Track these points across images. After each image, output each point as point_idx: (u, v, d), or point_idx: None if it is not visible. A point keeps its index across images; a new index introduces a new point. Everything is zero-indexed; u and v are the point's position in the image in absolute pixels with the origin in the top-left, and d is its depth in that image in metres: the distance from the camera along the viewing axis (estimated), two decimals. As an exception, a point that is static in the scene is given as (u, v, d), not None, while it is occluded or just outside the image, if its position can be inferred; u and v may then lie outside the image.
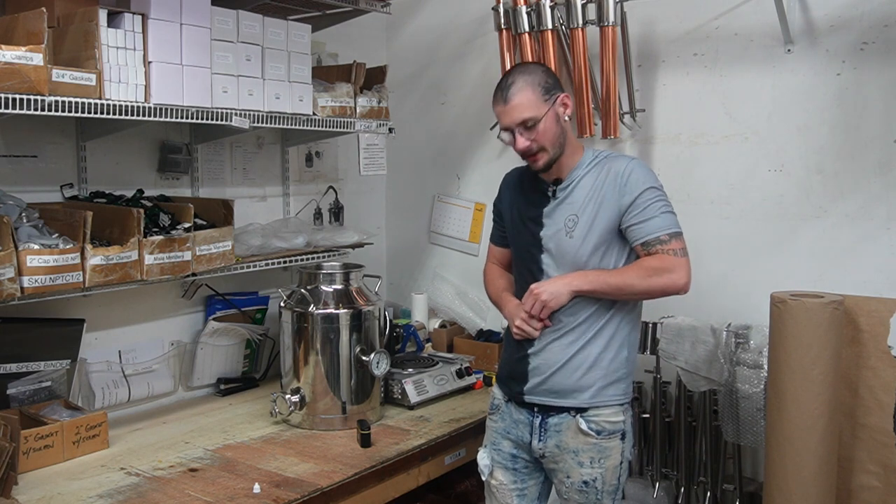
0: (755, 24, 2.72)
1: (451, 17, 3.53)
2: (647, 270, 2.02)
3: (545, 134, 2.04)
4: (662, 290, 2.03)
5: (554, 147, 2.07)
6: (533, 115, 2.03)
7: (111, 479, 2.17)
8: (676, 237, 2.03)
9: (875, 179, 2.55)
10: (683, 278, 2.01)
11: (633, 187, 2.03)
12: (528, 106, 2.03)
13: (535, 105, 2.03)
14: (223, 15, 2.45)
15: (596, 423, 2.09)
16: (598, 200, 2.06)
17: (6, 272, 2.02)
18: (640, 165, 2.08)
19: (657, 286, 2.02)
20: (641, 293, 2.05)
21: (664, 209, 2.03)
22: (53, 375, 2.44)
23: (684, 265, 2.01)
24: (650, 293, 2.04)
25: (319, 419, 2.61)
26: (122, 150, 2.69)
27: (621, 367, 2.12)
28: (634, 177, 2.04)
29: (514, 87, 2.06)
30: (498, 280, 2.36)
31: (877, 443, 2.42)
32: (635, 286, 2.02)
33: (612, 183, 2.05)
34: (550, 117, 2.04)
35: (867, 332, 2.42)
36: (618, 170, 2.06)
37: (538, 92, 2.04)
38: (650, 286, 2.02)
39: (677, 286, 2.01)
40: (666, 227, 2.02)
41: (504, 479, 2.24)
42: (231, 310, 3.00)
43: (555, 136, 2.06)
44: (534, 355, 2.15)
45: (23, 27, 2.01)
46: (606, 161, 2.10)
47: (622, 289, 2.03)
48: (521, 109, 2.03)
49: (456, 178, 3.60)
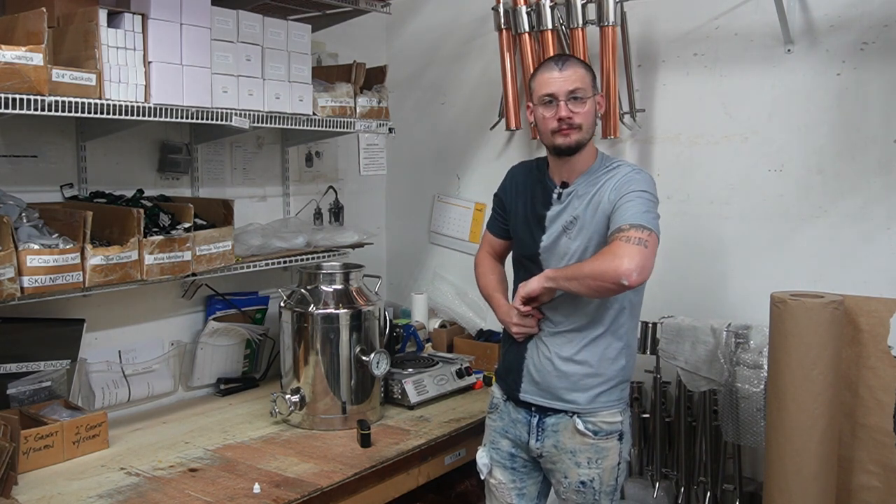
0: (755, 24, 2.72)
1: (451, 17, 3.52)
2: (596, 258, 1.96)
3: (588, 114, 2.08)
4: (603, 275, 1.90)
5: (588, 131, 2.10)
6: (584, 89, 2.07)
7: (111, 479, 2.17)
8: (639, 228, 1.92)
9: (875, 179, 2.55)
10: (626, 264, 1.85)
11: (626, 187, 2.03)
12: (582, 80, 2.08)
13: (587, 83, 2.09)
14: (223, 15, 2.45)
15: (593, 424, 2.09)
16: (596, 203, 2.06)
17: (6, 272, 2.02)
18: (643, 173, 2.08)
19: (599, 270, 1.91)
20: (588, 277, 1.93)
21: (643, 208, 1.98)
22: (53, 375, 2.44)
23: (635, 253, 1.87)
24: (595, 277, 1.92)
25: (319, 419, 2.61)
26: (122, 150, 2.69)
27: (618, 375, 2.12)
28: (631, 179, 2.05)
29: (571, 61, 2.12)
30: (490, 275, 2.36)
31: (877, 443, 2.41)
32: (582, 269, 1.96)
33: (611, 187, 2.06)
34: (593, 103, 2.11)
35: (867, 332, 2.42)
36: (620, 175, 2.07)
37: (590, 76, 2.11)
38: (593, 269, 1.92)
39: (618, 272, 1.86)
40: (631, 218, 1.94)
41: (503, 478, 2.24)
42: (231, 310, 3.00)
43: (591, 121, 2.11)
44: (530, 352, 2.16)
45: (23, 27, 2.01)
46: (614, 168, 2.11)
47: (572, 277, 1.98)
48: (575, 80, 2.07)
49: (456, 178, 3.60)
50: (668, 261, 2.74)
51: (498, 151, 3.41)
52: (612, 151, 3.02)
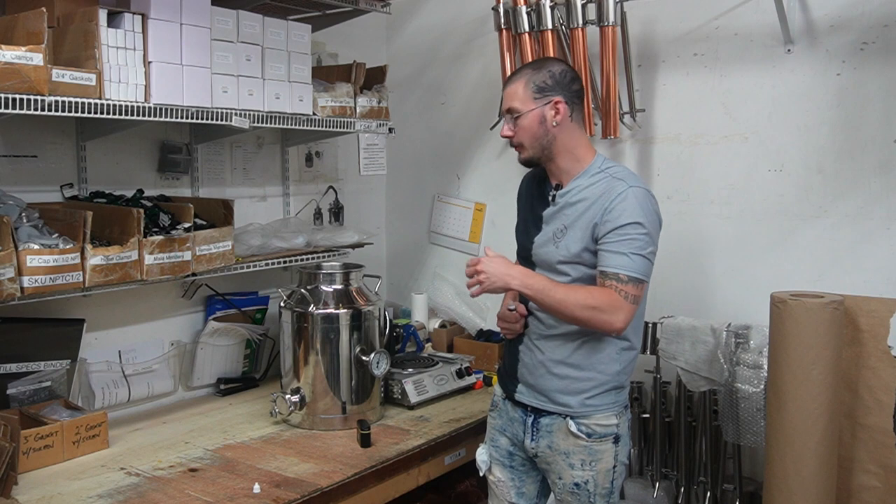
0: (755, 24, 2.72)
1: (451, 17, 3.53)
2: (591, 302, 1.95)
3: (523, 130, 2.06)
4: (596, 326, 1.98)
5: (533, 147, 2.07)
6: (517, 108, 2.06)
7: (111, 479, 2.17)
8: (635, 283, 1.95)
9: (875, 179, 2.55)
10: (620, 323, 1.94)
11: (616, 216, 1.96)
12: (515, 97, 2.06)
13: (521, 99, 2.06)
14: (223, 15, 2.44)
15: (586, 426, 2.08)
16: (587, 217, 2.02)
17: (6, 272, 2.02)
18: (635, 196, 1.98)
19: (593, 321, 1.96)
20: (574, 320, 1.99)
21: (638, 250, 1.95)
22: (53, 375, 2.44)
23: (627, 311, 1.94)
24: (583, 323, 2.00)
25: (319, 419, 2.61)
26: (122, 150, 2.69)
27: (612, 379, 2.08)
28: (623, 206, 1.96)
29: (513, 76, 2.12)
30: None
31: (877, 443, 2.42)
32: (574, 314, 1.97)
33: (601, 202, 2.00)
34: (533, 116, 2.05)
35: (867, 332, 2.42)
36: (612, 192, 1.99)
37: (529, 89, 2.05)
38: (587, 318, 1.96)
39: (612, 329, 1.96)
40: (629, 268, 1.94)
41: (502, 476, 2.25)
42: (231, 310, 3.00)
43: (534, 136, 2.06)
44: (523, 353, 2.16)
45: (23, 27, 2.01)
46: (609, 179, 2.04)
47: (558, 309, 1.99)
48: (509, 98, 2.09)
49: (456, 178, 3.60)
50: (668, 261, 2.74)
51: (498, 151, 3.41)
52: (611, 151, 3.03)
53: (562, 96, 2.05)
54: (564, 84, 2.06)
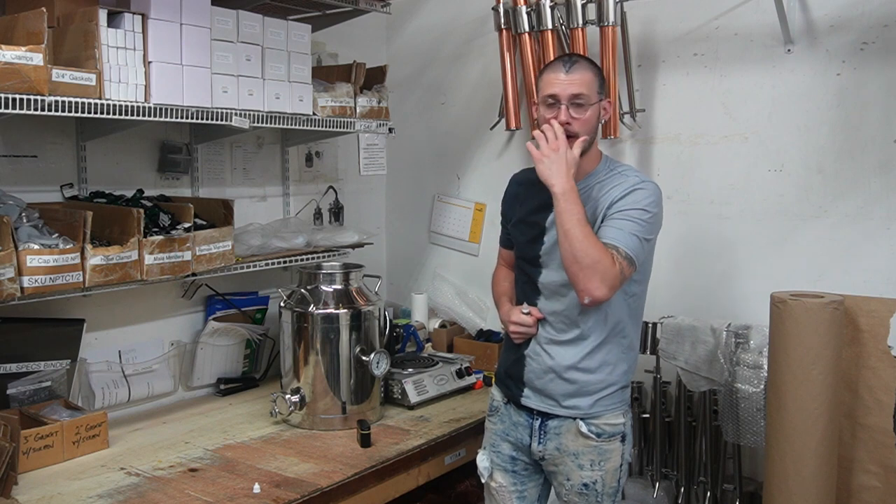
0: (755, 24, 2.72)
1: (451, 17, 3.52)
2: (595, 256, 1.89)
3: (588, 121, 2.04)
4: (579, 281, 1.92)
5: (589, 138, 2.06)
6: (587, 95, 2.03)
7: (111, 479, 2.17)
8: (629, 262, 1.95)
9: (875, 179, 2.55)
10: (601, 293, 1.90)
11: (630, 198, 2.00)
12: (588, 85, 2.03)
13: (592, 88, 2.04)
14: (223, 15, 2.44)
15: (596, 426, 2.09)
16: (600, 202, 2.04)
17: (6, 272, 2.02)
18: (652, 189, 2.04)
19: (582, 275, 1.90)
20: (568, 258, 1.92)
21: (640, 233, 1.98)
22: (53, 375, 2.43)
23: (614, 287, 1.92)
24: (570, 270, 1.93)
25: (319, 419, 2.61)
26: (122, 150, 2.69)
27: (620, 380, 2.10)
28: (638, 194, 2.01)
29: (580, 63, 2.06)
30: (502, 283, 2.35)
31: (877, 443, 2.42)
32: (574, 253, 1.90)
33: (618, 188, 2.03)
34: (596, 109, 2.06)
35: (867, 332, 2.42)
36: (628, 180, 2.05)
37: (597, 81, 2.06)
38: (580, 269, 1.90)
39: (591, 293, 1.91)
40: (630, 246, 1.95)
41: (503, 482, 2.24)
42: (231, 310, 3.00)
43: (591, 128, 2.06)
44: (530, 358, 2.15)
45: (23, 27, 2.01)
46: (620, 174, 2.08)
47: (566, 237, 1.92)
48: (580, 84, 2.02)
49: (456, 178, 3.60)
50: (668, 261, 2.75)
51: (498, 151, 3.41)
52: (612, 151, 3.02)
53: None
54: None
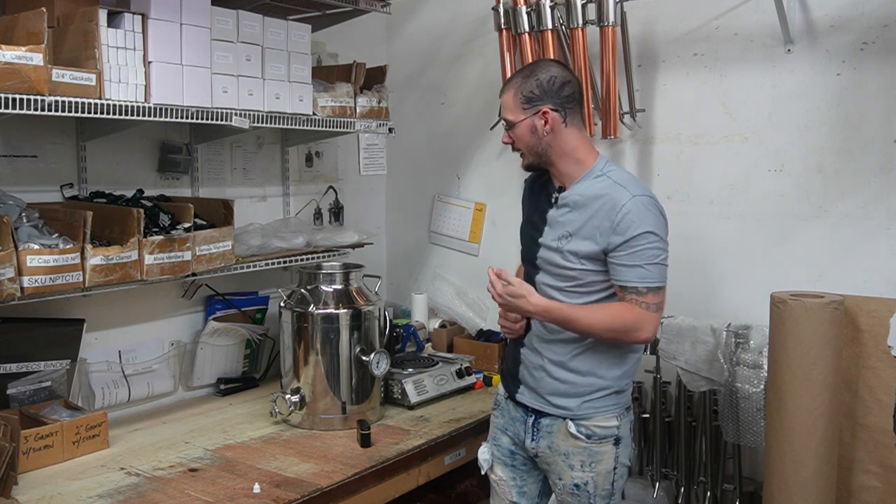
0: (755, 24, 2.72)
1: (451, 17, 3.53)
2: (615, 325, 1.99)
3: (520, 138, 2.09)
4: (625, 343, 2.05)
5: (531, 154, 2.09)
6: (510, 118, 2.09)
7: (111, 479, 2.17)
8: (654, 291, 1.96)
9: (875, 179, 2.55)
10: (647, 334, 1.99)
11: (626, 228, 1.94)
12: (507, 108, 2.09)
13: (511, 109, 2.08)
14: (223, 15, 2.44)
15: (586, 428, 2.08)
16: (592, 225, 2.00)
17: (6, 272, 2.02)
18: (641, 205, 1.96)
19: (621, 340, 2.03)
20: (607, 334, 2.03)
21: (654, 259, 1.95)
22: (53, 375, 2.44)
23: (653, 321, 1.99)
24: (613, 342, 2.05)
25: (319, 419, 2.61)
26: (122, 150, 2.69)
27: (614, 383, 2.08)
28: (631, 217, 1.94)
29: (505, 86, 2.13)
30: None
31: (877, 443, 2.42)
32: (602, 337, 2.03)
33: (607, 214, 1.97)
34: (524, 127, 2.06)
35: (867, 332, 2.42)
36: (616, 202, 1.96)
37: (518, 99, 2.06)
38: (615, 339, 2.03)
39: (641, 341, 2.04)
40: (648, 279, 1.95)
41: (503, 475, 2.25)
42: (231, 310, 3.00)
43: (528, 144, 2.08)
44: (525, 356, 2.16)
45: (23, 27, 2.01)
46: (611, 183, 2.01)
47: (587, 330, 2.02)
48: (504, 108, 2.11)
49: (456, 178, 3.60)
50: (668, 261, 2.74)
51: (498, 151, 3.41)
52: (611, 151, 3.03)
53: (550, 104, 2.03)
54: (553, 91, 2.03)
